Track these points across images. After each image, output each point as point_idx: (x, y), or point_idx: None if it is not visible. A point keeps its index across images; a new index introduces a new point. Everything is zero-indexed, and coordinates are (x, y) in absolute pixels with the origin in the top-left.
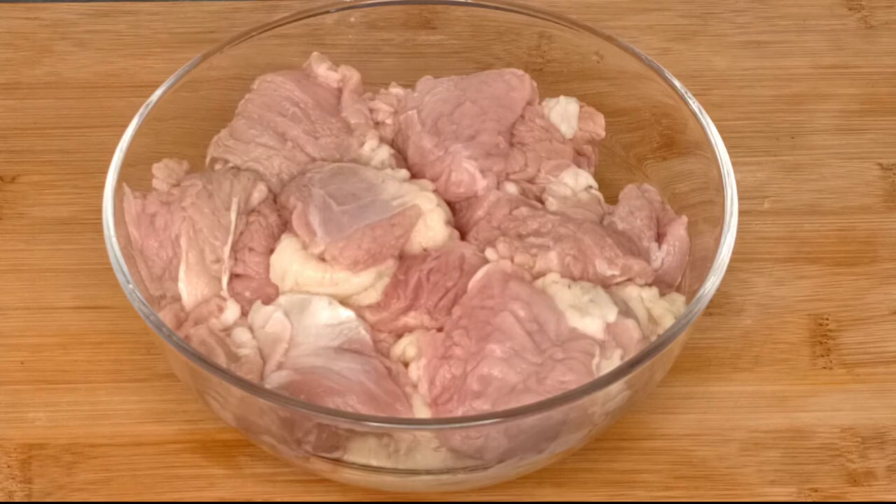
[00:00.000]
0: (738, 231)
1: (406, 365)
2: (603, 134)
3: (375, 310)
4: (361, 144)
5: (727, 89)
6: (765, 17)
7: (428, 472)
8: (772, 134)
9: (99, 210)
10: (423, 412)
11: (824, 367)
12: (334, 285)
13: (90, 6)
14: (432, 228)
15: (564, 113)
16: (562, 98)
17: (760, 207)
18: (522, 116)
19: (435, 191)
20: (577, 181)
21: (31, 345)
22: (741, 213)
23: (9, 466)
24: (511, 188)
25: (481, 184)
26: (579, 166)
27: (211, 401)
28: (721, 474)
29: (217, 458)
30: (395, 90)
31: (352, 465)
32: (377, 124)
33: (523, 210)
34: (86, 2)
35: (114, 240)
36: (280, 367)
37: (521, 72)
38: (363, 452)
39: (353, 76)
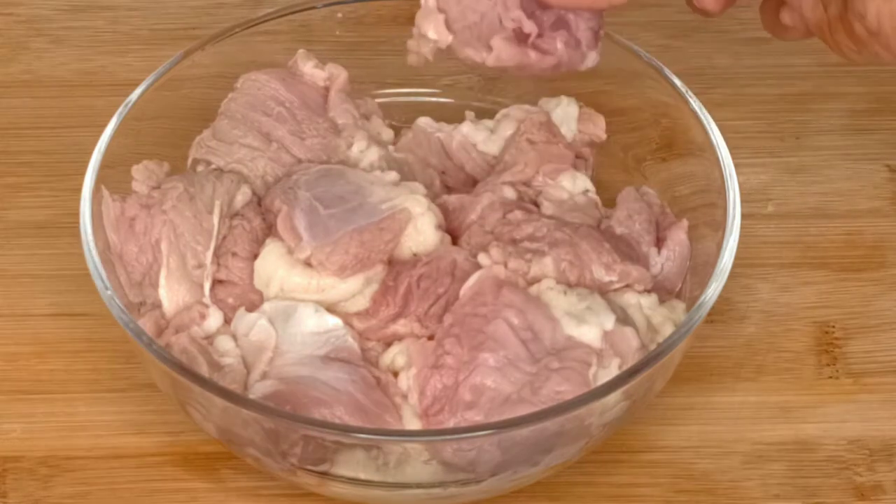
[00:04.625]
0: (741, 235)
1: (395, 374)
2: (604, 136)
3: (364, 317)
4: (349, 145)
5: (729, 88)
6: None
7: (418, 486)
8: (776, 134)
9: (76, 213)
10: (413, 423)
11: (831, 377)
12: (321, 292)
13: (67, 1)
14: (423, 233)
15: (564, 115)
16: (563, 98)
17: (764, 211)
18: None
19: (426, 195)
20: (574, 184)
21: (6, 353)
22: (744, 216)
23: None
24: (508, 192)
25: None
26: (577, 169)
27: (193, 412)
28: (723, 488)
29: (199, 472)
30: None
31: (339, 479)
32: None
33: (517, 214)
34: None
35: (91, 244)
36: (264, 376)
37: None
38: (351, 465)
39: (341, 74)
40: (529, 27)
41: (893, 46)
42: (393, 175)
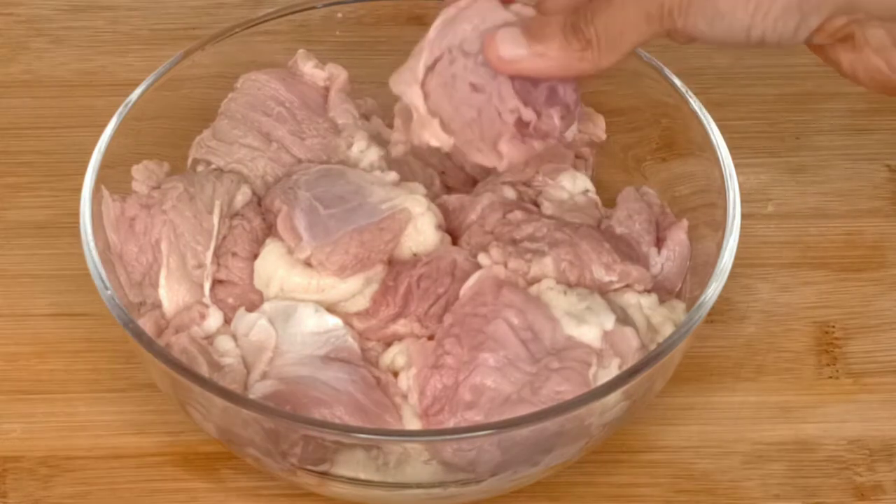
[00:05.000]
0: (741, 235)
1: (395, 374)
2: (603, 136)
3: (364, 317)
4: (349, 146)
5: (729, 88)
6: None
7: (418, 486)
8: (776, 134)
9: (76, 213)
10: (413, 423)
11: (830, 377)
12: (321, 292)
13: (67, 1)
14: (423, 233)
15: None
16: None
17: (764, 211)
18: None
19: (425, 194)
20: (574, 184)
21: (6, 353)
22: (744, 216)
23: None
24: (508, 192)
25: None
26: (577, 169)
27: (193, 412)
28: (723, 488)
29: (199, 472)
30: None
31: (339, 479)
32: None
33: (517, 214)
34: None
35: (91, 244)
36: (264, 376)
37: None
38: (351, 465)
39: (341, 74)
40: (528, 115)
41: None
42: (393, 175)
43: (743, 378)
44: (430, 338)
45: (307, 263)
